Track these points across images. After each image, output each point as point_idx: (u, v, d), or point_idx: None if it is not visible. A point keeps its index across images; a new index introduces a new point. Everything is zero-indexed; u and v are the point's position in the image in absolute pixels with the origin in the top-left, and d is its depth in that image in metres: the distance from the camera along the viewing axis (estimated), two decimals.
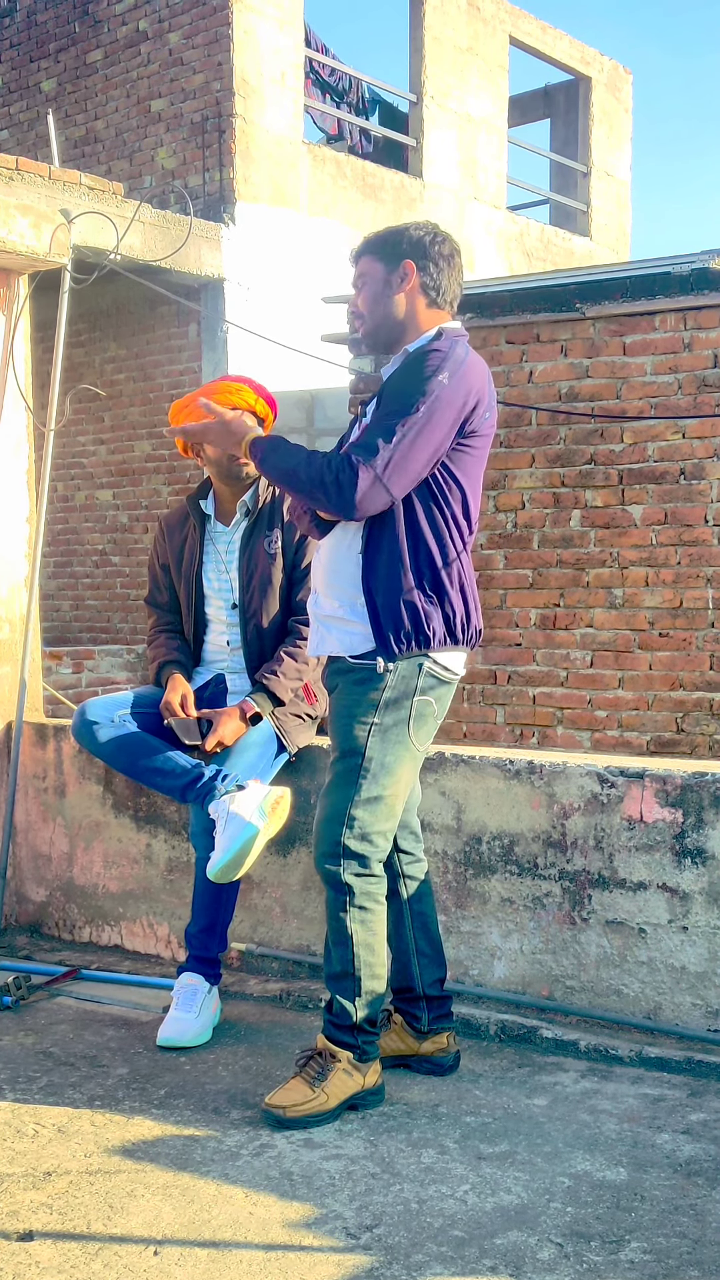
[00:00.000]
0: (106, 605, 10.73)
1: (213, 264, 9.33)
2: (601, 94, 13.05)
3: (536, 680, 6.86)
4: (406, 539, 2.91)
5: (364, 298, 3.04)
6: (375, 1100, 2.99)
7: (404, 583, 2.90)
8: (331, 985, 2.98)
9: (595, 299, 6.53)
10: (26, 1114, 2.96)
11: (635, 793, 3.31)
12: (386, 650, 2.91)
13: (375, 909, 2.96)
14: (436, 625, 2.92)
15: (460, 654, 3.03)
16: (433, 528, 2.92)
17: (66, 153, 10.54)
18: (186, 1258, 2.33)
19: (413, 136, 11.23)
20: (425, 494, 2.92)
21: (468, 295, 6.92)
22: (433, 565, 2.92)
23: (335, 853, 2.92)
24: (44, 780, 4.42)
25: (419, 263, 2.98)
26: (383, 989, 2.99)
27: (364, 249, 3.06)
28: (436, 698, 2.99)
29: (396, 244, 3.01)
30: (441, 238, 3.03)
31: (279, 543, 3.65)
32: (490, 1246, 2.35)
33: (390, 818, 2.97)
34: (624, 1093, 3.05)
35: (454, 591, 2.95)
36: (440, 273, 3.00)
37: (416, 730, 2.96)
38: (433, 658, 2.94)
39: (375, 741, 2.92)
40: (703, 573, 6.34)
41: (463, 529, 2.97)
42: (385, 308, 3.01)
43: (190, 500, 3.80)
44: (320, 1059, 2.96)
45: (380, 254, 3.02)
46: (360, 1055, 2.96)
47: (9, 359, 4.42)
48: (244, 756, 3.53)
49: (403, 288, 2.99)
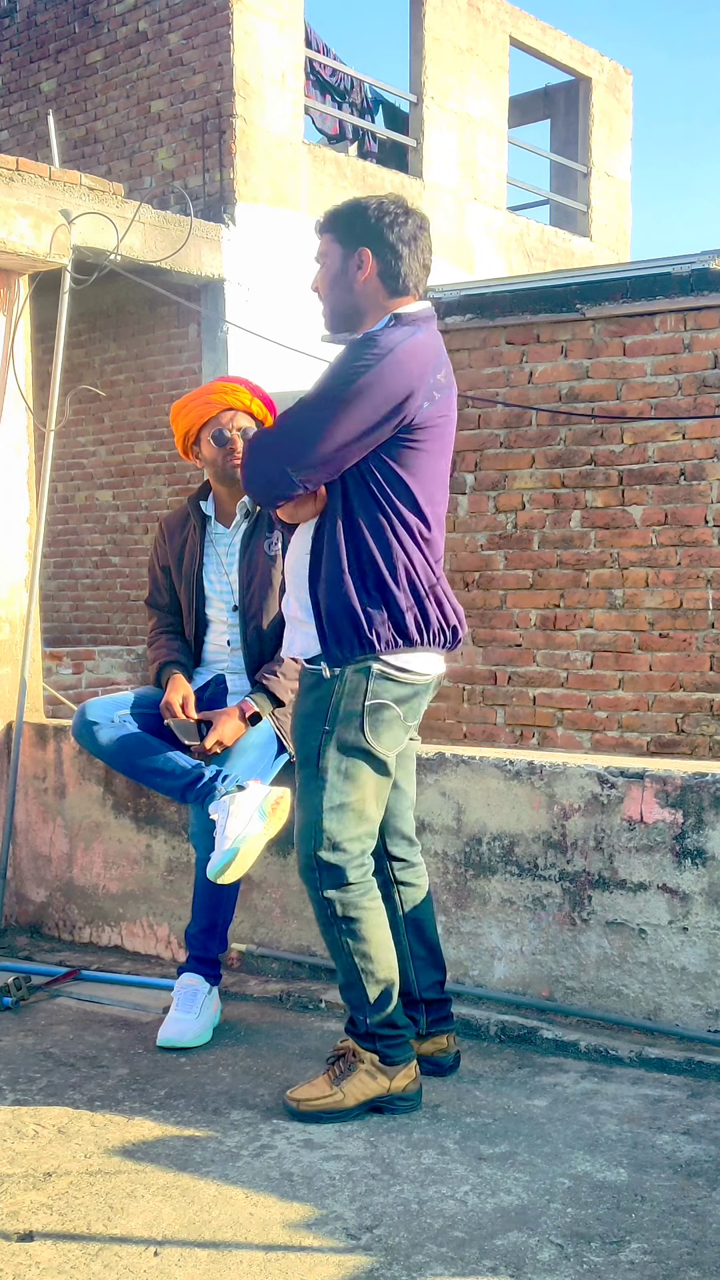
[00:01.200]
0: (106, 606, 10.73)
1: (213, 264, 9.33)
2: (601, 94, 13.05)
3: (536, 681, 6.86)
4: (346, 540, 2.83)
5: (322, 279, 2.94)
6: (405, 1106, 2.93)
7: (344, 585, 2.81)
8: (342, 996, 2.99)
9: (595, 299, 6.53)
10: (27, 1115, 2.96)
11: (635, 793, 3.31)
12: (329, 655, 2.85)
13: (362, 916, 2.90)
14: (380, 628, 2.82)
15: (428, 654, 2.91)
16: (372, 527, 2.82)
17: (66, 153, 10.55)
18: (186, 1258, 2.33)
19: (413, 137, 11.23)
20: (364, 492, 2.83)
21: (468, 296, 6.93)
22: (375, 566, 2.81)
23: (310, 866, 2.89)
24: (44, 781, 4.42)
25: (376, 250, 2.86)
26: (393, 989, 2.94)
27: (324, 225, 2.94)
28: (397, 699, 2.88)
29: (353, 226, 2.88)
30: (402, 219, 2.88)
31: (279, 544, 3.65)
32: (490, 1247, 2.35)
33: (362, 822, 2.90)
34: (624, 1093, 3.05)
35: (402, 592, 2.83)
36: (399, 260, 2.87)
37: (375, 735, 2.86)
38: (385, 661, 2.84)
39: (329, 749, 2.86)
40: (703, 573, 6.34)
41: (413, 527, 2.85)
42: (340, 294, 2.92)
43: (191, 501, 3.80)
44: (346, 1059, 2.95)
45: (338, 234, 2.90)
46: (384, 1059, 2.93)
47: (9, 359, 4.42)
48: (244, 757, 3.53)
49: (358, 275, 2.88)
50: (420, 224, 2.91)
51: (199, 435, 3.68)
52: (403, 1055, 2.95)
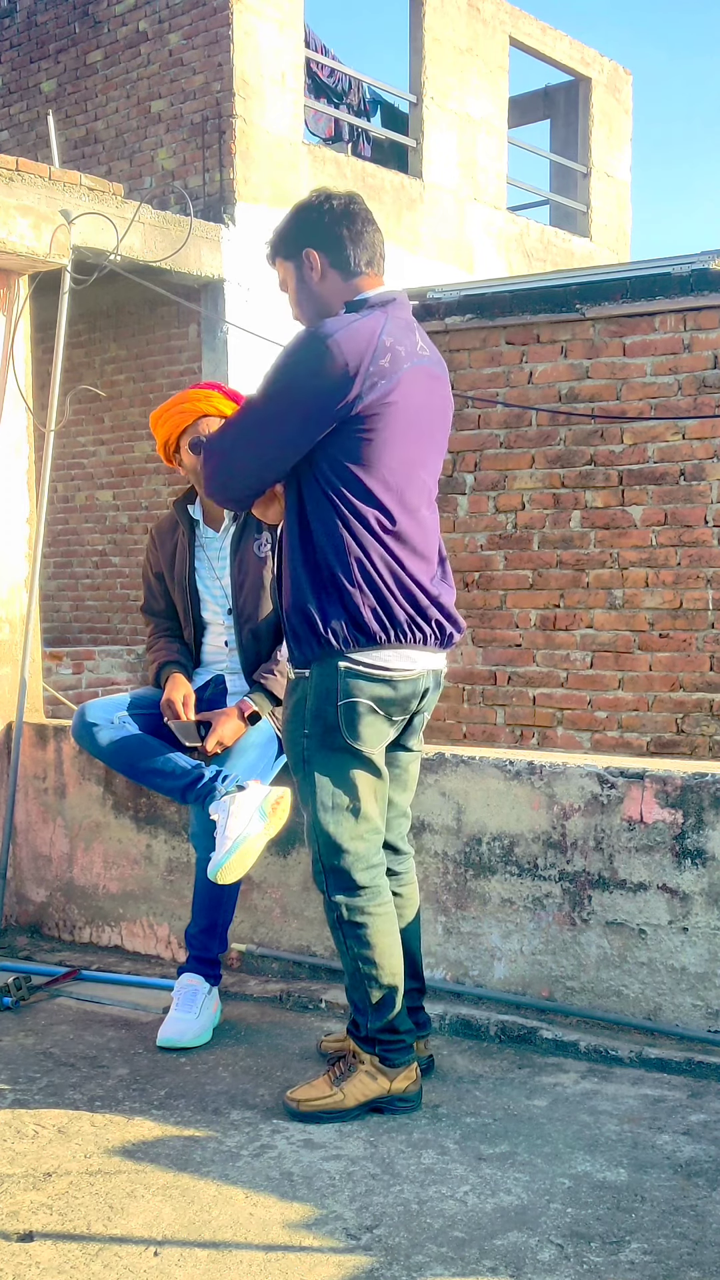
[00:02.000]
0: (106, 606, 10.73)
1: (213, 265, 9.33)
2: (601, 95, 13.05)
3: (536, 681, 6.86)
4: (300, 537, 2.80)
5: (292, 300, 2.95)
6: (405, 1107, 2.93)
7: (299, 584, 2.80)
8: (348, 997, 2.99)
9: (595, 300, 6.53)
10: (27, 1115, 2.96)
11: (635, 793, 3.31)
12: (293, 657, 2.86)
13: (367, 921, 2.89)
14: (338, 626, 2.75)
15: (402, 650, 2.82)
16: (325, 524, 2.76)
17: (66, 153, 10.55)
18: (186, 1258, 2.33)
19: (413, 137, 11.23)
20: (313, 489, 2.78)
21: (468, 296, 6.93)
22: (327, 562, 2.75)
23: (318, 870, 2.91)
24: (44, 781, 4.42)
25: (318, 245, 2.86)
26: (397, 995, 2.93)
27: (270, 253, 2.95)
28: (374, 698, 2.81)
29: (292, 236, 2.89)
30: (330, 205, 2.87)
31: (268, 545, 3.66)
32: (490, 1247, 2.35)
33: (361, 821, 2.89)
34: (624, 1094, 3.05)
35: (356, 589, 2.75)
36: (344, 243, 2.85)
37: (354, 733, 2.81)
38: (351, 658, 2.78)
39: (313, 751, 2.85)
40: (703, 573, 6.34)
41: (369, 519, 2.75)
42: (311, 303, 2.91)
43: (177, 506, 3.80)
44: (347, 1060, 2.96)
45: (284, 252, 2.91)
46: (385, 1060, 2.93)
47: (9, 359, 4.42)
48: (244, 757, 3.53)
49: (313, 277, 2.88)
50: (347, 201, 2.89)
51: (178, 443, 3.69)
52: (403, 1058, 2.95)
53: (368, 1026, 2.92)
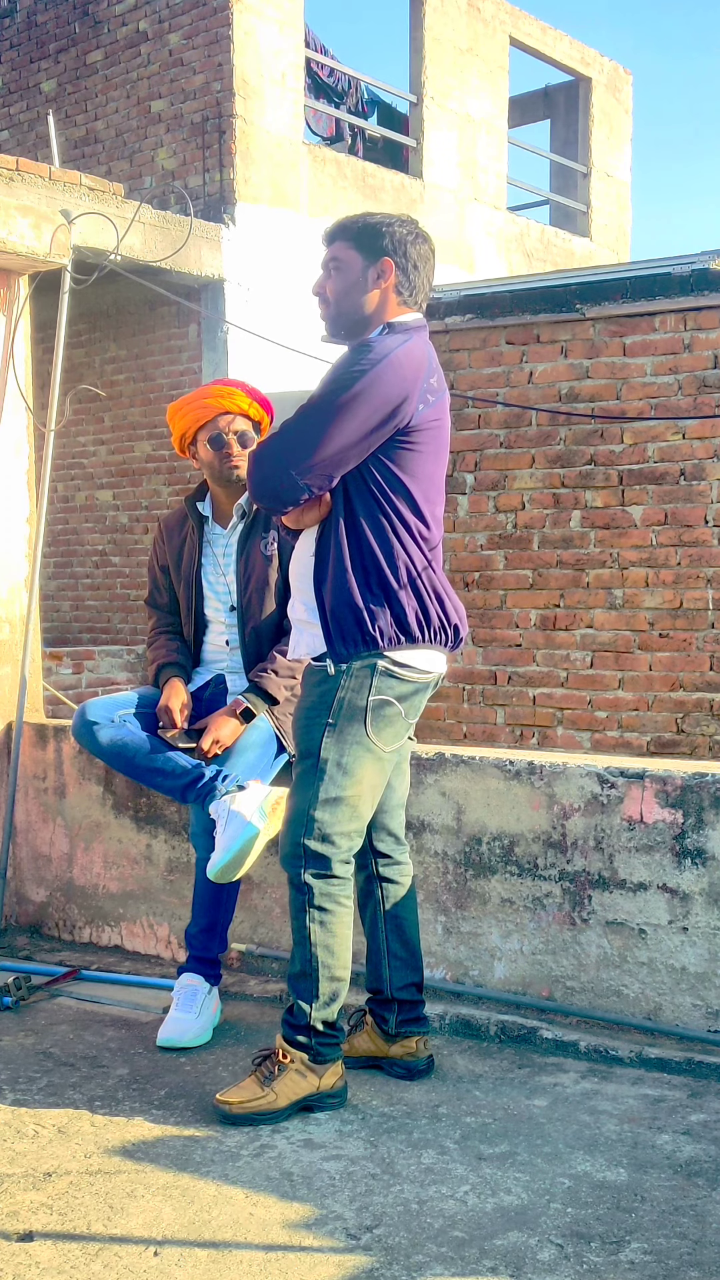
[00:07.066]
0: (106, 605, 10.73)
1: (213, 264, 9.33)
2: (601, 95, 13.05)
3: (536, 681, 6.86)
4: (348, 540, 2.89)
5: (333, 285, 2.99)
6: (334, 1103, 2.97)
7: (348, 583, 2.88)
8: (291, 985, 2.99)
9: (595, 300, 6.53)
10: (27, 1114, 2.96)
11: (635, 793, 3.31)
12: (334, 652, 2.90)
13: (335, 910, 2.94)
14: (384, 625, 2.88)
15: (430, 652, 2.97)
16: (374, 527, 2.88)
17: (66, 153, 10.55)
18: (186, 1258, 2.33)
19: (413, 137, 11.23)
20: (364, 493, 2.89)
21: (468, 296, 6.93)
22: (377, 565, 2.88)
23: (296, 854, 2.93)
24: (44, 780, 4.42)
25: (398, 262, 2.94)
26: (342, 991, 2.98)
27: (341, 234, 2.99)
28: (399, 697, 2.94)
29: (378, 238, 2.95)
30: (423, 237, 3.00)
31: (275, 545, 3.66)
32: (490, 1247, 2.35)
33: (353, 819, 2.95)
34: (624, 1093, 3.05)
35: (404, 591, 2.90)
36: (417, 274, 2.97)
37: (376, 731, 2.93)
38: (390, 657, 2.91)
39: (330, 743, 2.91)
40: (703, 573, 6.34)
41: (413, 527, 2.92)
42: (355, 301, 2.97)
43: (188, 502, 3.80)
44: (274, 1060, 2.96)
45: (359, 244, 2.96)
46: (315, 1057, 2.95)
47: (9, 359, 4.42)
48: (244, 757, 3.53)
49: (378, 285, 2.95)
50: (431, 247, 3.04)
51: (195, 437, 3.69)
52: (333, 1054, 2.98)
53: (309, 1014, 2.93)
